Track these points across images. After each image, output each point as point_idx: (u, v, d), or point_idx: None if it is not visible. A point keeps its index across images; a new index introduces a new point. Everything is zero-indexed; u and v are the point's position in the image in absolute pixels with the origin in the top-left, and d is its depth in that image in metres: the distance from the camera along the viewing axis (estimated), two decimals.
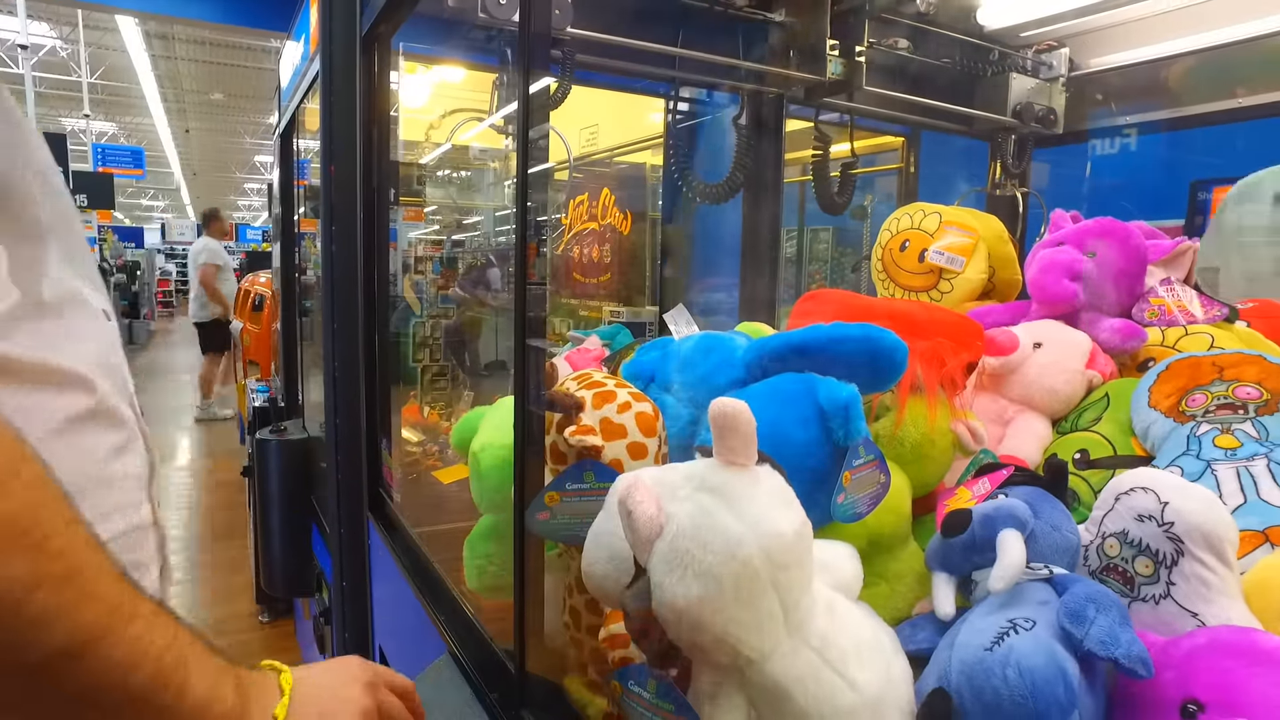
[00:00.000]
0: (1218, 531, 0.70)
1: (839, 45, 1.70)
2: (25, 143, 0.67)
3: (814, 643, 0.63)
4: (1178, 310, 1.15)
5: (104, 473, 0.68)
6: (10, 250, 0.62)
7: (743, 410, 0.60)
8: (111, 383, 0.70)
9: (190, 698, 0.51)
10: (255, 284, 5.89)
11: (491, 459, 1.04)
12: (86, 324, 0.70)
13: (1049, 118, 1.98)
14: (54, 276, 0.66)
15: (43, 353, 0.62)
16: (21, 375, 0.61)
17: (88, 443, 0.66)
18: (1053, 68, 1.99)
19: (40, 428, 0.61)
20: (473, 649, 1.11)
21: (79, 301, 0.69)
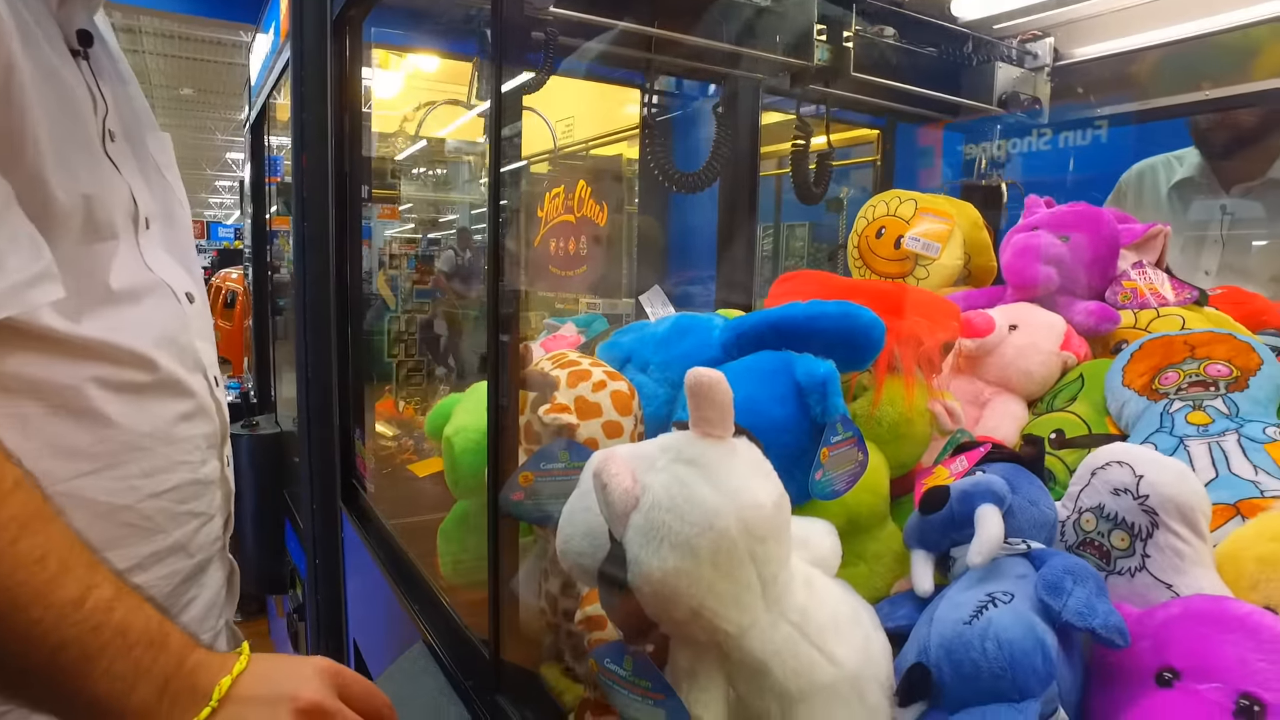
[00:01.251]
0: (1191, 502, 0.70)
1: (826, 30, 1.67)
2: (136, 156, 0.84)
3: (793, 617, 0.62)
4: (1150, 293, 1.16)
5: (169, 433, 0.82)
6: (84, 249, 0.75)
7: (719, 380, 0.59)
8: (179, 359, 0.83)
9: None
10: (226, 281, 5.80)
11: (465, 442, 1.02)
12: (159, 308, 0.83)
13: (1034, 107, 1.97)
14: (130, 268, 0.80)
15: (106, 334, 0.75)
16: (87, 352, 0.74)
17: (154, 408, 0.80)
18: (1038, 57, 1.98)
19: (106, 394, 0.75)
20: (447, 637, 1.09)
21: (157, 288, 0.83)
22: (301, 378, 1.95)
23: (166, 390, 0.81)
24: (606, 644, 0.65)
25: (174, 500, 0.82)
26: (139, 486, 0.78)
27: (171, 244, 0.89)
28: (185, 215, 0.96)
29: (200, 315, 0.91)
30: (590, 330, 1.59)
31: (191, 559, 0.86)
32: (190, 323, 0.87)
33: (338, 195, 1.78)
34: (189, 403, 0.84)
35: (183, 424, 0.84)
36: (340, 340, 1.83)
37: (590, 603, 0.84)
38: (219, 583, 0.93)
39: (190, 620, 0.86)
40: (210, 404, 0.89)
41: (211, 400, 0.89)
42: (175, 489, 0.82)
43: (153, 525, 0.80)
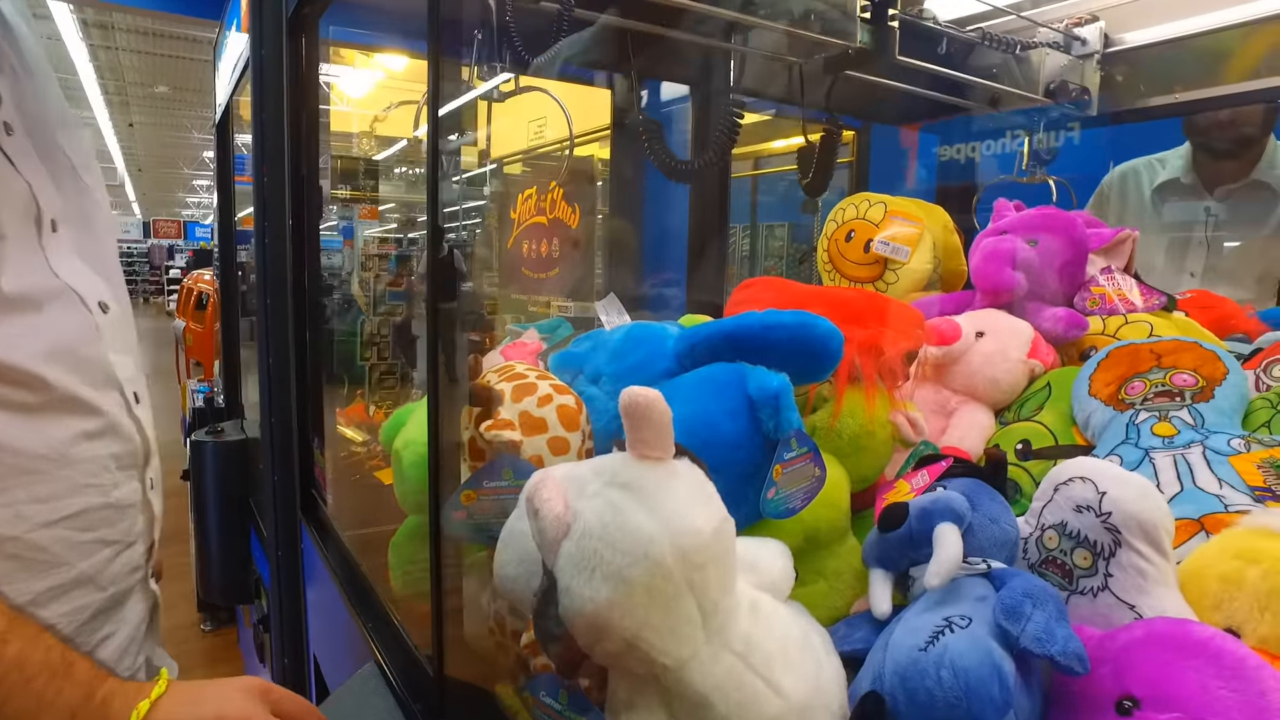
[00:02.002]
0: (1154, 520, 0.67)
1: (871, 9, 1.45)
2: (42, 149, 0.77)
3: (736, 647, 0.59)
4: (1118, 299, 1.14)
5: (67, 454, 0.74)
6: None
7: (655, 399, 0.56)
8: (82, 374, 0.76)
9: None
10: (199, 282, 5.70)
11: (413, 456, 0.98)
12: (62, 318, 0.75)
13: (1084, 97, 1.76)
14: (27, 273, 0.72)
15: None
16: None
17: (47, 428, 0.72)
18: (1086, 43, 1.78)
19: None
20: (397, 656, 1.06)
21: (62, 296, 0.75)
22: (264, 384, 1.90)
23: (63, 408, 0.74)
24: (542, 675, 0.62)
25: (76, 528, 0.75)
26: (28, 514, 0.71)
27: (86, 249, 0.81)
28: (105, 218, 0.88)
29: (117, 326, 0.83)
30: (555, 335, 1.56)
31: (103, 592, 0.78)
32: (102, 334, 0.79)
33: (296, 196, 1.73)
34: (94, 421, 0.77)
35: (85, 444, 0.76)
36: (299, 346, 1.79)
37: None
38: (139, 616, 0.85)
39: (105, 659, 0.78)
40: (125, 422, 0.81)
41: (128, 419, 0.82)
42: (77, 515, 0.75)
43: (49, 557, 0.72)
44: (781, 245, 4.67)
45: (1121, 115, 1.87)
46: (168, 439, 6.31)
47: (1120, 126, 1.97)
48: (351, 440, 2.75)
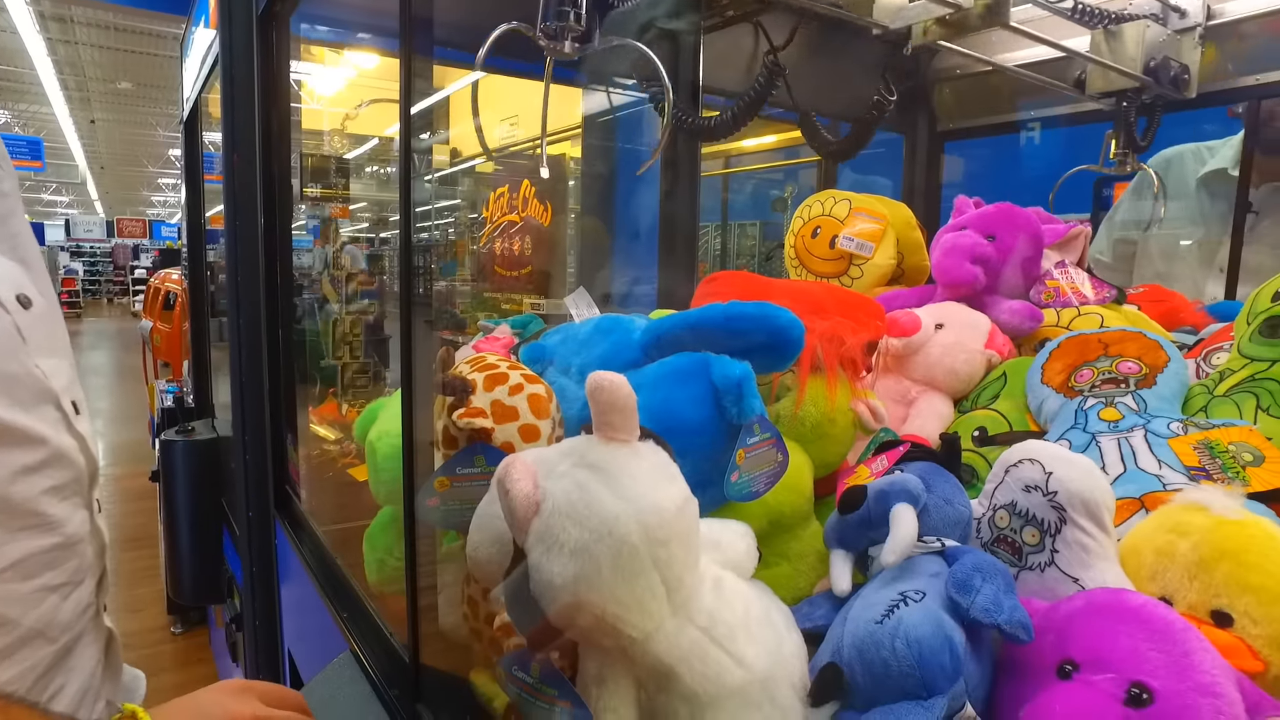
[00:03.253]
0: (1096, 498, 0.71)
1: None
2: None
3: (700, 621, 0.61)
4: (1071, 292, 1.19)
5: (4, 497, 0.62)
6: None
7: (620, 384, 0.58)
8: (8, 395, 0.62)
9: None
10: (166, 281, 5.62)
11: (388, 448, 1.00)
12: None
13: (1183, 78, 1.54)
14: None
15: None
16: None
17: None
18: (1186, 15, 1.55)
19: None
20: (372, 645, 1.07)
21: None
22: (236, 382, 1.90)
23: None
24: (514, 651, 0.64)
25: (17, 578, 0.63)
26: None
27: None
28: (9, 196, 0.72)
29: (43, 323, 0.68)
30: (526, 331, 1.58)
31: (54, 644, 0.67)
32: (27, 337, 0.65)
33: (267, 194, 1.73)
34: (31, 452, 0.64)
35: (22, 481, 0.63)
36: (272, 344, 1.79)
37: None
38: (93, 659, 0.73)
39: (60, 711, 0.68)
40: (66, 442, 0.68)
41: (68, 436, 0.69)
42: (17, 565, 0.63)
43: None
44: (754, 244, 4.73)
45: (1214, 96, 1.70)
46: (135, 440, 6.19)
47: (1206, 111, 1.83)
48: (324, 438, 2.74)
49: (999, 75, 2.18)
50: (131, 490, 5.43)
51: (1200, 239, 1.95)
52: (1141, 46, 1.50)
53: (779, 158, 3.26)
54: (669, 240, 2.13)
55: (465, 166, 4.19)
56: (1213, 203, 1.94)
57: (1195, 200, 1.97)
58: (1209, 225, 1.95)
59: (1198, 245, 1.96)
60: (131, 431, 7.12)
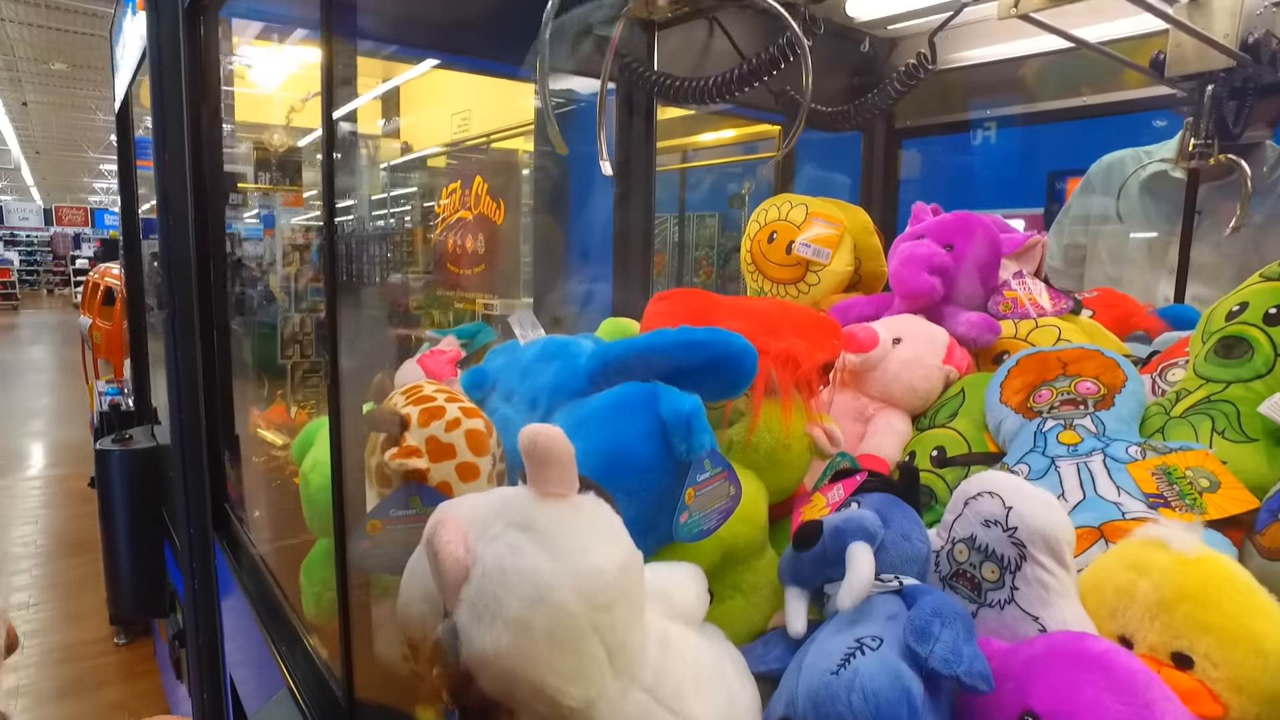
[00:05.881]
0: (1056, 534, 0.69)
1: None
2: None
3: (645, 682, 0.58)
4: (1029, 303, 1.17)
5: None
6: None
7: (556, 439, 0.54)
8: None
9: None
10: (106, 276, 5.39)
11: (322, 479, 0.94)
12: None
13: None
14: None
15: None
16: None
17: None
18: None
19: None
20: (309, 684, 1.01)
21: None
22: (173, 391, 1.81)
23: None
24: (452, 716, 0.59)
25: None
26: None
27: None
28: None
29: None
30: (475, 341, 1.52)
31: None
32: None
33: (198, 188, 1.64)
34: None
35: None
36: (207, 351, 1.70)
37: None
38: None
39: None
40: None
41: None
42: None
43: None
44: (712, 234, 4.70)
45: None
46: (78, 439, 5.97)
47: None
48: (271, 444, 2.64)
49: (955, 73, 2.17)
50: (75, 493, 5.23)
51: (1149, 241, 1.97)
52: (1238, 20, 1.30)
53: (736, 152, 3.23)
54: (623, 240, 2.09)
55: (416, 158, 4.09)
56: (1156, 204, 1.97)
57: (1138, 203, 1.99)
58: (1155, 227, 1.97)
59: (1147, 246, 1.98)
60: (74, 430, 6.86)
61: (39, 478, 5.75)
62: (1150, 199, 1.98)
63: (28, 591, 3.95)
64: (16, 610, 3.73)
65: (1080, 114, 2.21)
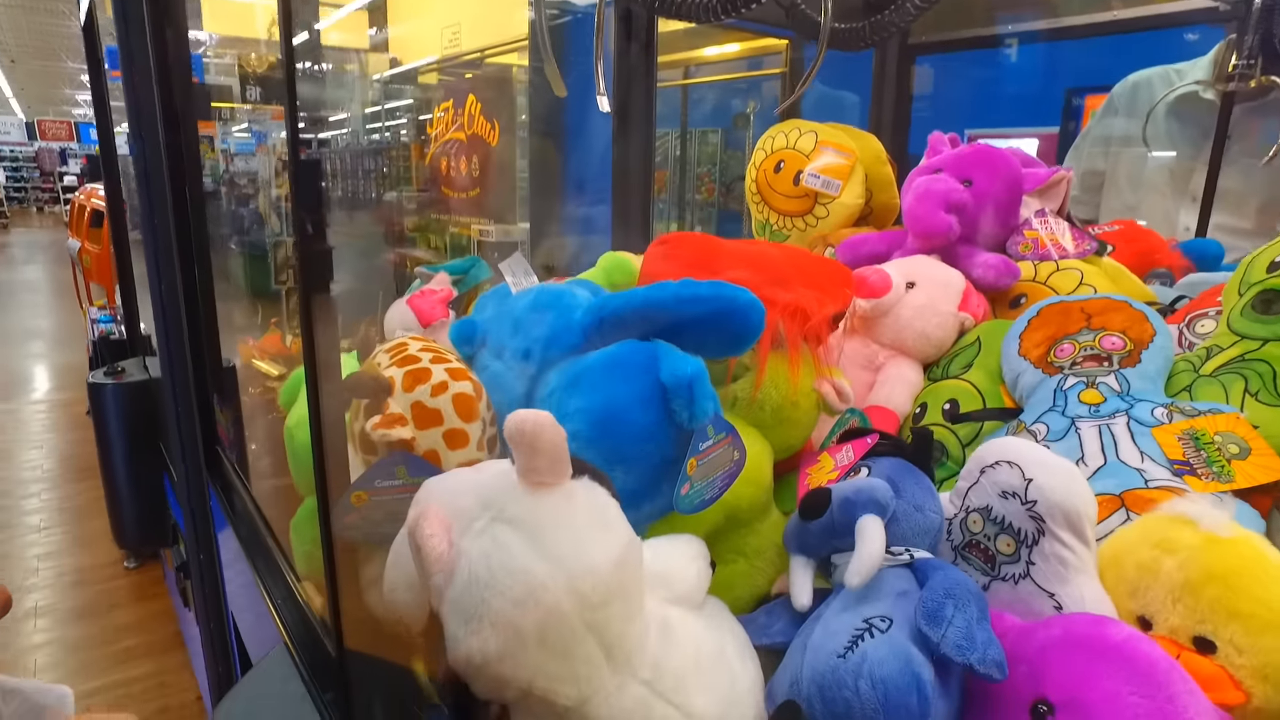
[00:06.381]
0: (1078, 509, 0.65)
1: None
2: None
3: (644, 675, 0.55)
4: (1050, 244, 1.11)
5: None
6: None
7: (546, 425, 0.49)
8: None
9: None
10: (93, 197, 5.24)
11: (307, 438, 0.90)
12: None
13: None
14: None
15: None
16: None
17: None
18: None
19: None
20: (302, 637, 1.00)
21: None
22: (160, 327, 1.75)
23: None
24: (439, 713, 0.57)
25: None
26: None
27: None
28: None
29: None
30: (468, 278, 1.46)
31: None
32: None
33: (164, 98, 1.53)
34: None
35: None
36: (189, 279, 1.63)
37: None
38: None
39: None
40: None
41: None
42: None
43: None
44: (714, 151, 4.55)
45: None
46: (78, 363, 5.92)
47: None
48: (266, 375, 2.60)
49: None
50: (78, 418, 5.24)
51: (1172, 167, 1.87)
52: None
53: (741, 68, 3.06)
54: (623, 160, 1.98)
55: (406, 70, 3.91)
56: (1183, 128, 1.85)
57: (1164, 126, 1.88)
58: (1180, 151, 1.87)
59: (1169, 173, 1.88)
60: (73, 354, 6.82)
61: (43, 401, 5.76)
62: (1177, 122, 1.86)
63: (39, 515, 4.00)
64: (31, 533, 3.79)
65: (1107, 29, 2.07)
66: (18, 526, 3.85)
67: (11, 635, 2.91)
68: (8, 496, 4.19)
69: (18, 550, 3.61)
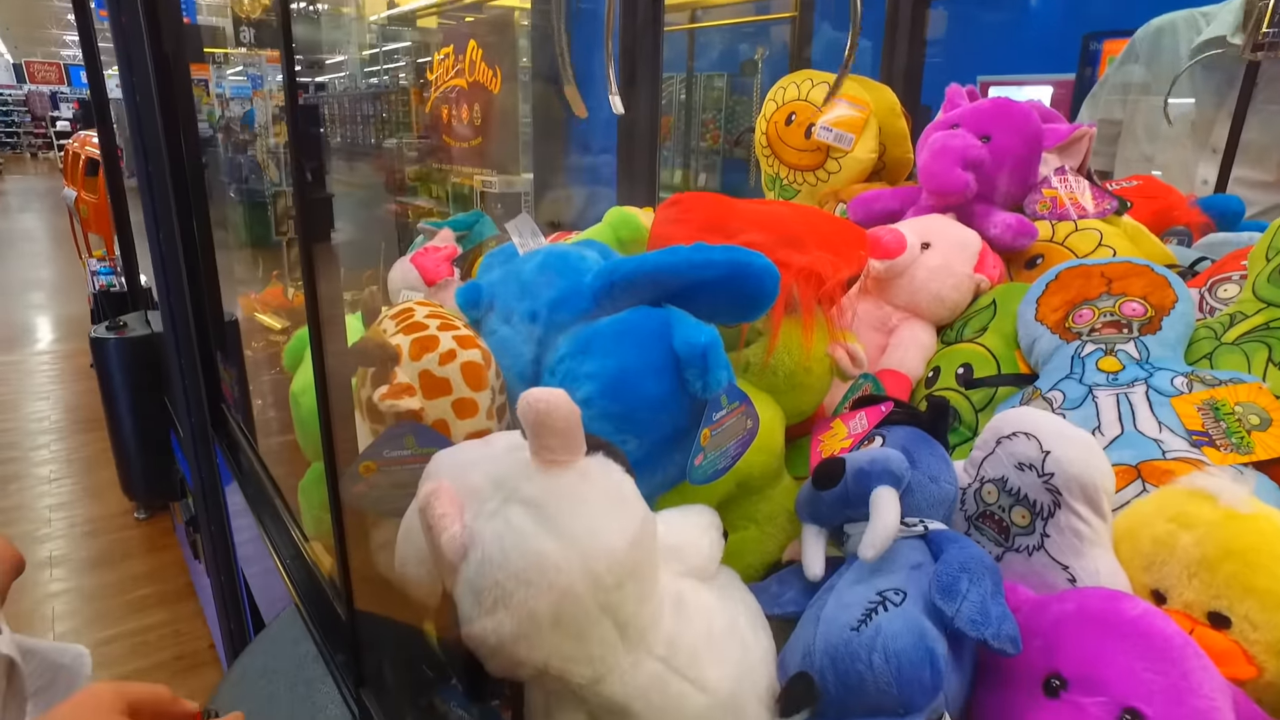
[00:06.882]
0: (1096, 483, 0.65)
1: None
2: None
3: (659, 651, 0.55)
4: (1069, 203, 1.08)
5: None
6: None
7: (559, 404, 0.48)
8: None
9: None
10: (87, 145, 5.15)
11: (312, 403, 0.89)
12: None
13: None
14: None
15: None
16: None
17: None
18: None
19: None
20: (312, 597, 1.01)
21: None
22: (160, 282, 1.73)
23: None
24: (452, 687, 0.57)
25: None
26: None
27: None
28: None
29: None
30: (473, 234, 1.43)
31: None
32: None
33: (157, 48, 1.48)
34: None
35: None
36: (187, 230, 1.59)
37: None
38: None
39: None
40: None
41: None
42: None
43: None
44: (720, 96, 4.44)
45: None
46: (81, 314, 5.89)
47: None
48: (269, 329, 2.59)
49: None
50: (83, 369, 5.24)
51: (1193, 117, 1.81)
52: None
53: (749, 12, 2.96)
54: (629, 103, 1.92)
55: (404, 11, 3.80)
56: (1207, 76, 1.78)
57: (1187, 73, 1.80)
58: (1202, 101, 1.80)
59: (1190, 124, 1.82)
60: (74, 305, 6.80)
61: (46, 353, 5.76)
62: (1200, 68, 1.80)
63: (49, 467, 4.04)
64: (42, 484, 3.83)
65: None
66: (29, 478, 3.89)
67: (30, 584, 2.96)
68: (17, 448, 4.22)
69: (29, 501, 3.65)
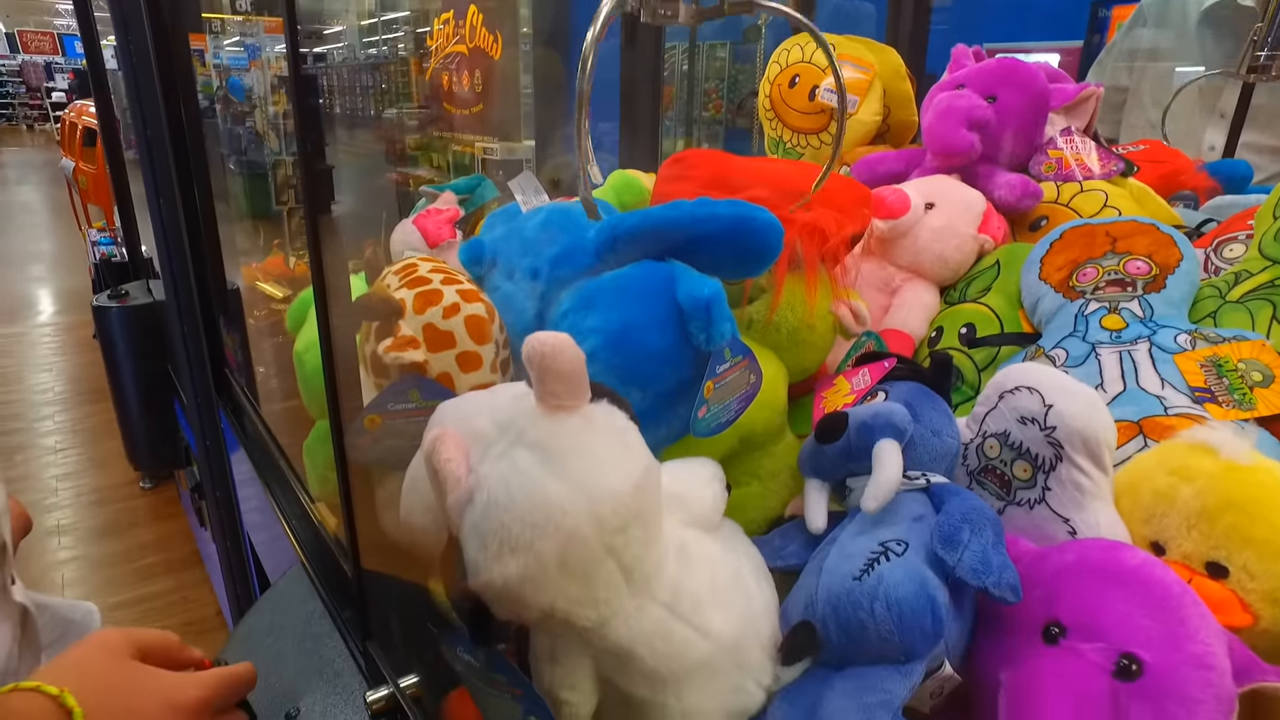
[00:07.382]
0: (1097, 435, 0.65)
1: None
2: None
3: (663, 597, 0.55)
4: (1075, 164, 1.07)
5: None
6: None
7: (565, 347, 0.48)
8: None
9: None
10: (83, 114, 5.11)
11: (316, 362, 0.89)
12: None
13: None
14: None
15: None
16: None
17: None
18: None
19: None
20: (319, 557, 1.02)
21: None
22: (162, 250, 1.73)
23: None
24: (458, 632, 0.58)
25: None
26: None
27: None
28: None
29: None
30: (475, 197, 1.42)
31: None
32: None
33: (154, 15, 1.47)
34: None
35: None
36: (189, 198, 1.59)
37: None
38: (7, 639, 0.68)
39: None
40: None
41: None
42: None
43: None
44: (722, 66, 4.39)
45: None
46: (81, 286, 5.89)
47: None
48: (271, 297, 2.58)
49: None
50: (85, 340, 5.25)
51: (1200, 83, 1.79)
52: None
53: None
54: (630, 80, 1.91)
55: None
56: (1217, 40, 1.75)
57: (1196, 37, 1.78)
58: (1211, 65, 1.78)
59: (1197, 89, 1.80)
60: (75, 277, 6.78)
61: (48, 325, 5.76)
62: (1210, 30, 1.77)
63: (54, 437, 4.06)
64: (48, 455, 3.85)
65: None
66: (35, 448, 3.91)
67: (38, 552, 3.00)
68: (22, 419, 4.24)
69: (36, 471, 3.68)
